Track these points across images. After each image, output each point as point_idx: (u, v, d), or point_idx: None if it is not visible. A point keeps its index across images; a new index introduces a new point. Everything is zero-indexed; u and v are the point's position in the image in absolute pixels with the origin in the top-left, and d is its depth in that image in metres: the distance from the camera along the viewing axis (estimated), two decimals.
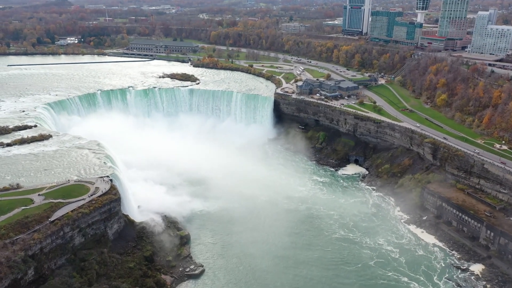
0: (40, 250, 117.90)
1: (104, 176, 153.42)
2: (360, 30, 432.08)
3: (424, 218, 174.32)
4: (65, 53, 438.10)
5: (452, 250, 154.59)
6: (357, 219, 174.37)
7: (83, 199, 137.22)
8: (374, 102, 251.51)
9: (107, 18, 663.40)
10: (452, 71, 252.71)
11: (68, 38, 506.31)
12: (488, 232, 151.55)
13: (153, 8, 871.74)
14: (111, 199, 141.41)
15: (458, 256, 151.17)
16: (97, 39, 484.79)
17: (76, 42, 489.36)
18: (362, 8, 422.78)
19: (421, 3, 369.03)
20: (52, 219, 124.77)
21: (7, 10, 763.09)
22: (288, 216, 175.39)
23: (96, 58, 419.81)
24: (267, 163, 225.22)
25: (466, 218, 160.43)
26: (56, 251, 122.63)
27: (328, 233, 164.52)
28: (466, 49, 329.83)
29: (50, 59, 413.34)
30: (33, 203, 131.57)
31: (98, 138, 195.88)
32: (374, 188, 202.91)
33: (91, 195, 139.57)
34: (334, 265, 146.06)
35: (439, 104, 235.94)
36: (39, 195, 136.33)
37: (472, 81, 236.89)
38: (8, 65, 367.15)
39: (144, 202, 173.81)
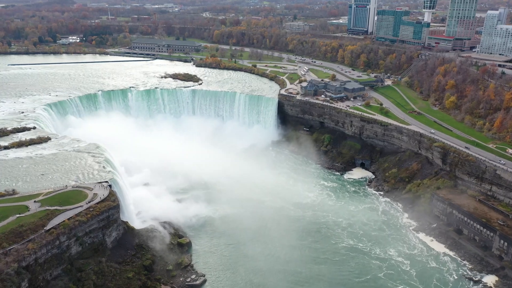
0: (35, 260, 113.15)
1: (103, 182, 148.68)
2: (366, 29, 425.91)
3: (434, 225, 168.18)
4: (67, 52, 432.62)
5: (463, 260, 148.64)
6: (367, 227, 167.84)
7: (80, 206, 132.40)
8: (381, 104, 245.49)
9: (109, 17, 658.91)
10: (461, 72, 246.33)
11: (70, 37, 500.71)
12: (502, 242, 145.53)
13: (156, 6, 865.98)
14: (110, 206, 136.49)
15: (470, 267, 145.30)
16: (99, 38, 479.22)
17: (78, 41, 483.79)
18: (367, 7, 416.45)
19: (428, 2, 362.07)
20: (47, 227, 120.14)
21: (9, 8, 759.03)
22: (295, 225, 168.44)
23: (98, 57, 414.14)
24: (272, 167, 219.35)
25: (478, 226, 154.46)
26: (51, 261, 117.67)
27: (336, 243, 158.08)
28: (474, 49, 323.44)
29: (51, 58, 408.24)
30: (29, 210, 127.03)
31: (98, 140, 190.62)
32: (382, 193, 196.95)
33: (89, 202, 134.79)
34: (343, 278, 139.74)
35: (448, 106, 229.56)
36: (35, 201, 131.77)
37: (482, 83, 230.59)
38: (8, 65, 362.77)
39: (144, 208, 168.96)
